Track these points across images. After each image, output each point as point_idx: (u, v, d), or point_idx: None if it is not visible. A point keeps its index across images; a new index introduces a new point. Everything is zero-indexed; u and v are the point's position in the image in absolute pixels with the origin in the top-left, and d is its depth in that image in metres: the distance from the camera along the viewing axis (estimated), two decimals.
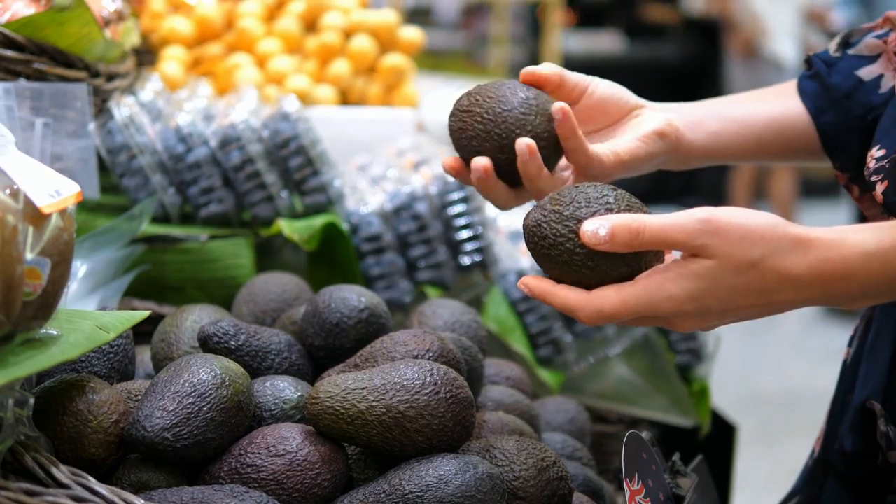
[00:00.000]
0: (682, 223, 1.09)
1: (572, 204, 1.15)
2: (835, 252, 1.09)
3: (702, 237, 1.08)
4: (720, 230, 1.08)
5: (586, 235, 1.11)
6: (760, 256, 1.08)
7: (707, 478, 1.43)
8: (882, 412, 1.36)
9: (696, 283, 1.10)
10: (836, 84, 1.48)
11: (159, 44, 2.44)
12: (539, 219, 1.16)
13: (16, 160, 1.12)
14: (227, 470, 1.20)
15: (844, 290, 1.11)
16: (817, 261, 1.09)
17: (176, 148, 1.92)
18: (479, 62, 8.30)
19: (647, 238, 1.10)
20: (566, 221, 1.14)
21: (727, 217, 1.09)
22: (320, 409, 1.22)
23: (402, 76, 2.50)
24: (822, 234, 1.10)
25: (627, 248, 1.10)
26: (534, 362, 1.99)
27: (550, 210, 1.16)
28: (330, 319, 1.42)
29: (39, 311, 1.11)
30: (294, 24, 2.48)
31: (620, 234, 1.10)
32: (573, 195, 1.16)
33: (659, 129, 1.41)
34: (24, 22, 1.67)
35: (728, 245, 1.08)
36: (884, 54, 1.47)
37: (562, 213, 1.14)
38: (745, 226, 1.09)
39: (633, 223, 1.10)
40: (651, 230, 1.09)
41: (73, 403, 1.20)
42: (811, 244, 1.09)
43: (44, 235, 1.09)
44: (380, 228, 1.97)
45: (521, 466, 1.25)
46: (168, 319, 1.48)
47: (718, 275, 1.09)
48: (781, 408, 5.16)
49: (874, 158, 1.34)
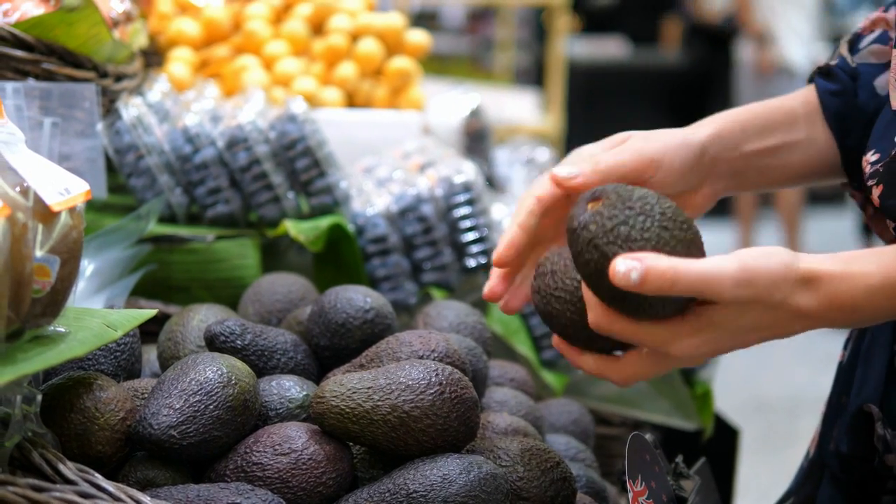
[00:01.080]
0: (719, 275, 1.04)
1: (609, 234, 1.05)
2: (844, 286, 1.09)
3: (738, 289, 1.06)
4: (753, 280, 1.06)
5: (617, 276, 1.03)
6: (781, 299, 1.08)
7: (710, 480, 1.43)
8: (880, 415, 1.36)
9: (714, 331, 1.09)
10: (864, 102, 1.44)
11: (167, 45, 2.45)
12: (575, 228, 1.08)
13: (26, 158, 1.13)
14: (232, 468, 1.21)
15: (851, 320, 1.13)
16: (826, 296, 1.09)
17: (183, 148, 1.92)
18: (484, 67, 8.31)
19: (682, 288, 1.04)
20: (592, 249, 1.06)
21: (756, 263, 1.07)
22: (326, 408, 1.23)
23: (408, 79, 2.51)
24: (829, 268, 1.10)
25: (658, 293, 1.04)
26: (538, 364, 1.99)
27: (585, 226, 1.06)
28: (335, 320, 1.43)
29: (48, 308, 1.12)
30: (301, 27, 2.49)
31: (653, 281, 1.03)
32: (615, 221, 1.05)
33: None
34: (34, 22, 1.67)
35: (758, 293, 1.07)
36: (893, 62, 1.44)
37: (592, 240, 1.06)
38: (770, 270, 1.07)
39: (669, 271, 1.03)
40: (687, 280, 1.04)
41: (80, 400, 1.20)
42: (820, 280, 1.09)
43: (53, 233, 1.10)
44: (385, 230, 1.97)
45: (525, 467, 1.26)
46: (174, 318, 1.49)
47: (739, 319, 1.08)
48: (784, 413, 5.16)
49: (869, 163, 1.34)
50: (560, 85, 5.91)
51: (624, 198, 1.06)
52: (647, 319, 1.08)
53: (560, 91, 5.89)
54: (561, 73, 5.96)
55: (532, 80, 8.31)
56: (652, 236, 1.04)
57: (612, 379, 1.17)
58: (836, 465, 1.44)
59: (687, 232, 1.06)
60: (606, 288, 1.06)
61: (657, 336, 1.10)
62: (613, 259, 1.03)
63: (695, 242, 1.07)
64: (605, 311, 1.10)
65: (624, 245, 1.04)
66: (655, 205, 1.06)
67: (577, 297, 1.16)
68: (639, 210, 1.05)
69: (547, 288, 1.19)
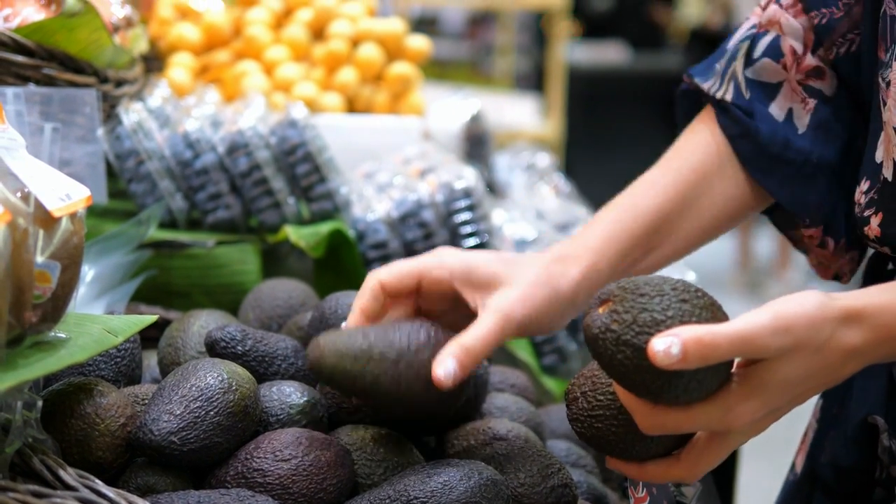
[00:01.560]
0: (757, 328, 1.00)
1: (634, 325, 1.01)
2: (889, 317, 1.05)
3: (778, 338, 1.01)
4: (791, 326, 1.01)
5: (658, 356, 0.98)
6: (826, 338, 1.03)
7: (711, 487, 1.43)
8: (885, 427, 1.34)
9: (766, 390, 1.04)
10: (769, 136, 1.38)
11: (167, 50, 2.45)
12: (597, 334, 1.03)
13: (26, 164, 1.13)
14: (233, 474, 1.21)
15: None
16: (872, 330, 1.05)
17: (184, 154, 1.92)
18: (484, 72, 8.31)
19: (724, 351, 0.99)
20: (623, 347, 1.02)
21: (789, 309, 1.02)
22: (322, 351, 1.20)
23: (408, 85, 2.51)
24: (870, 301, 1.06)
25: (703, 363, 0.99)
26: (538, 370, 1.99)
27: (608, 328, 1.03)
28: (336, 325, 1.43)
29: (49, 314, 1.12)
30: (301, 32, 2.49)
31: (694, 350, 0.98)
32: (635, 312, 1.02)
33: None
34: (34, 27, 1.67)
35: (799, 338, 1.02)
36: (786, 83, 1.39)
37: (620, 337, 1.02)
38: (806, 313, 1.02)
39: (707, 336, 0.98)
40: (727, 341, 0.99)
41: (80, 406, 1.20)
42: (863, 314, 1.05)
43: (54, 239, 1.10)
44: (386, 236, 1.97)
45: (526, 473, 1.25)
46: (175, 324, 1.48)
47: (787, 371, 1.03)
48: (784, 419, 5.15)
49: (863, 193, 1.31)
50: (560, 90, 5.91)
51: (631, 289, 1.03)
52: (697, 402, 1.04)
53: (560, 96, 5.89)
54: (561, 78, 5.95)
55: (532, 86, 8.31)
56: (675, 313, 1.01)
57: (683, 478, 1.12)
58: (831, 478, 1.42)
59: (703, 298, 1.04)
60: (647, 383, 1.02)
61: (712, 414, 1.04)
62: (648, 344, 1.00)
63: (715, 305, 1.05)
64: (651, 410, 1.05)
65: (653, 329, 1.01)
66: (664, 284, 1.04)
67: (617, 409, 1.12)
68: (652, 294, 1.03)
69: (583, 412, 1.15)
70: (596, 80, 9.20)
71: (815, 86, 1.39)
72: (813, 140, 1.38)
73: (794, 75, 1.39)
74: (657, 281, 1.04)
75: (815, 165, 1.38)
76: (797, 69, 1.39)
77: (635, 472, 1.14)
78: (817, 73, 1.39)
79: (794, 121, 1.39)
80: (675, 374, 1.00)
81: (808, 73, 1.39)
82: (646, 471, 1.13)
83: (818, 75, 1.39)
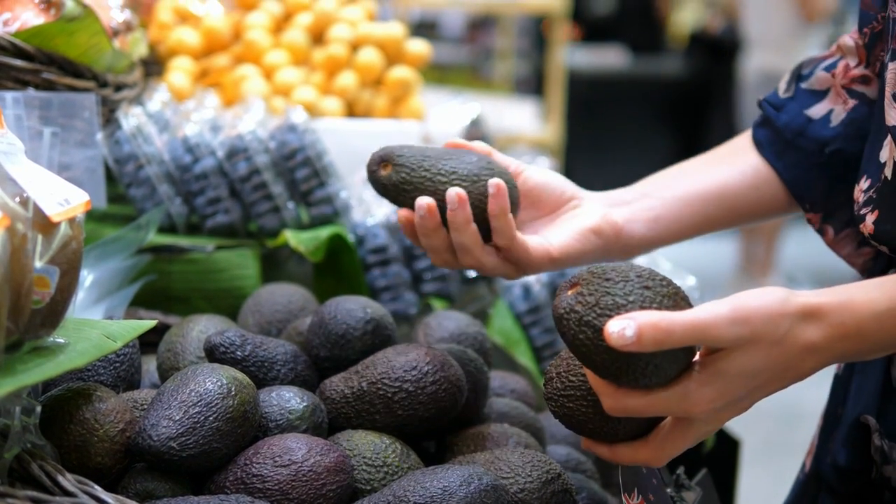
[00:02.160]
0: (713, 318, 1.04)
1: (596, 307, 1.06)
2: (847, 315, 1.09)
3: (735, 327, 1.05)
4: (748, 318, 1.05)
5: (612, 338, 1.02)
6: (785, 332, 1.07)
7: (711, 491, 1.43)
8: (877, 427, 1.35)
9: (723, 379, 1.07)
10: (785, 124, 1.48)
11: (167, 55, 2.45)
12: (562, 314, 1.09)
13: (25, 169, 1.12)
14: (232, 480, 1.20)
15: (861, 349, 1.12)
16: (831, 327, 1.09)
17: (183, 158, 1.92)
18: (484, 76, 8.32)
19: (679, 337, 1.03)
20: (584, 327, 1.06)
21: (749, 301, 1.06)
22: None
23: (408, 89, 2.50)
24: (829, 300, 1.10)
25: (656, 347, 1.03)
26: (538, 375, 1.98)
27: (572, 309, 1.08)
28: (336, 331, 1.43)
29: (47, 319, 1.12)
30: (301, 37, 2.49)
31: (648, 334, 1.02)
32: (598, 295, 1.07)
33: (594, 226, 1.40)
34: (34, 32, 1.67)
35: (757, 330, 1.06)
36: (832, 89, 1.47)
37: (582, 318, 1.07)
38: (765, 306, 1.06)
39: (662, 321, 1.02)
40: (682, 328, 1.03)
41: (79, 412, 1.20)
42: (822, 312, 1.09)
43: (53, 244, 1.10)
44: (385, 240, 1.97)
45: (526, 479, 1.25)
46: (174, 329, 1.48)
47: (744, 362, 1.07)
48: (782, 423, 5.16)
49: (862, 191, 1.34)
50: (560, 94, 5.91)
51: (598, 273, 1.08)
52: (657, 387, 1.08)
53: (560, 100, 5.89)
54: (561, 82, 5.96)
55: (532, 90, 8.31)
56: (636, 298, 1.06)
57: (649, 461, 1.15)
58: (833, 478, 1.44)
59: (668, 287, 1.08)
60: (607, 363, 1.07)
61: (671, 400, 1.08)
62: (605, 325, 1.04)
63: (679, 295, 1.08)
64: (614, 392, 1.09)
65: (613, 312, 1.05)
66: (630, 271, 1.08)
67: (587, 391, 1.16)
68: (616, 279, 1.07)
69: (556, 391, 1.19)
70: (596, 84, 9.19)
71: (858, 90, 1.45)
72: (840, 134, 1.44)
73: (840, 81, 1.46)
74: (625, 268, 1.09)
75: (829, 156, 1.45)
76: (845, 76, 1.46)
77: (606, 452, 1.17)
78: (863, 80, 1.45)
79: (829, 117, 1.46)
80: (633, 357, 1.04)
81: (854, 80, 1.46)
82: (615, 452, 1.17)
83: (864, 81, 1.45)
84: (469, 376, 1.41)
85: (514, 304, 2.06)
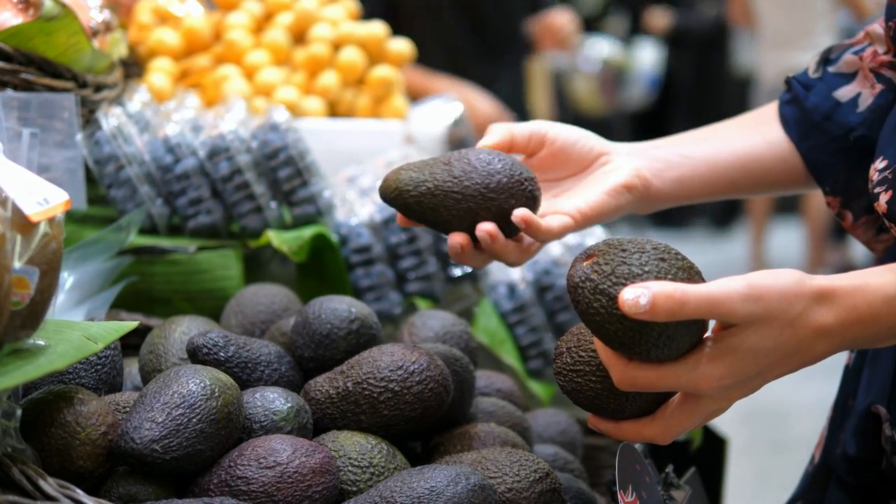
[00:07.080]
0: (728, 292, 1.05)
1: (612, 276, 1.07)
2: (860, 299, 1.09)
3: (748, 304, 1.05)
4: (763, 296, 1.06)
5: (626, 305, 1.03)
6: (798, 313, 1.07)
7: (700, 490, 1.42)
8: (888, 416, 1.35)
9: (734, 356, 1.08)
10: (814, 106, 1.48)
11: (147, 55, 2.43)
12: (578, 283, 1.10)
13: (3, 168, 1.11)
14: (216, 482, 1.19)
15: (873, 334, 1.12)
16: (844, 310, 1.09)
17: (164, 159, 1.90)
18: None
19: (692, 309, 1.04)
20: (599, 295, 1.08)
21: (765, 280, 1.07)
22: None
23: (390, 88, 2.49)
24: (843, 283, 1.10)
25: (670, 317, 1.04)
26: (524, 374, 1.98)
27: (588, 277, 1.09)
28: (320, 330, 1.42)
29: (27, 320, 1.10)
30: (282, 36, 2.48)
31: (662, 304, 1.03)
32: (614, 265, 1.08)
33: (627, 181, 1.40)
34: (12, 32, 1.66)
35: (770, 308, 1.06)
36: (860, 72, 1.47)
37: (597, 286, 1.08)
38: (780, 286, 1.07)
39: (676, 292, 1.03)
40: (696, 299, 1.04)
41: (60, 415, 1.19)
42: (835, 295, 1.09)
43: (32, 244, 1.08)
44: (369, 240, 1.96)
45: (514, 478, 1.25)
46: (156, 331, 1.47)
47: (756, 340, 1.07)
48: (769, 421, 5.17)
49: (877, 171, 1.34)
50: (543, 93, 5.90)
51: (615, 245, 1.10)
52: (668, 360, 1.08)
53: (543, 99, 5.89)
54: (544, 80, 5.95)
55: None
56: (652, 269, 1.07)
57: (656, 438, 1.15)
58: (843, 469, 1.44)
59: (683, 261, 1.10)
60: (620, 333, 1.07)
61: (680, 373, 1.08)
62: (620, 293, 1.05)
63: (693, 269, 1.10)
64: (625, 364, 1.10)
65: (628, 281, 1.07)
66: (646, 243, 1.10)
67: (597, 366, 1.17)
68: (633, 250, 1.09)
69: (565, 366, 1.19)
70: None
71: (886, 74, 1.45)
72: (866, 119, 1.45)
73: (868, 64, 1.46)
74: (641, 240, 1.10)
75: (853, 142, 1.45)
76: (873, 59, 1.46)
77: (612, 429, 1.18)
78: (891, 66, 1.45)
79: (857, 101, 1.46)
80: (646, 327, 1.05)
81: (882, 64, 1.46)
82: (621, 429, 1.17)
83: (892, 67, 1.45)
84: (455, 375, 1.40)
85: (500, 303, 2.05)
